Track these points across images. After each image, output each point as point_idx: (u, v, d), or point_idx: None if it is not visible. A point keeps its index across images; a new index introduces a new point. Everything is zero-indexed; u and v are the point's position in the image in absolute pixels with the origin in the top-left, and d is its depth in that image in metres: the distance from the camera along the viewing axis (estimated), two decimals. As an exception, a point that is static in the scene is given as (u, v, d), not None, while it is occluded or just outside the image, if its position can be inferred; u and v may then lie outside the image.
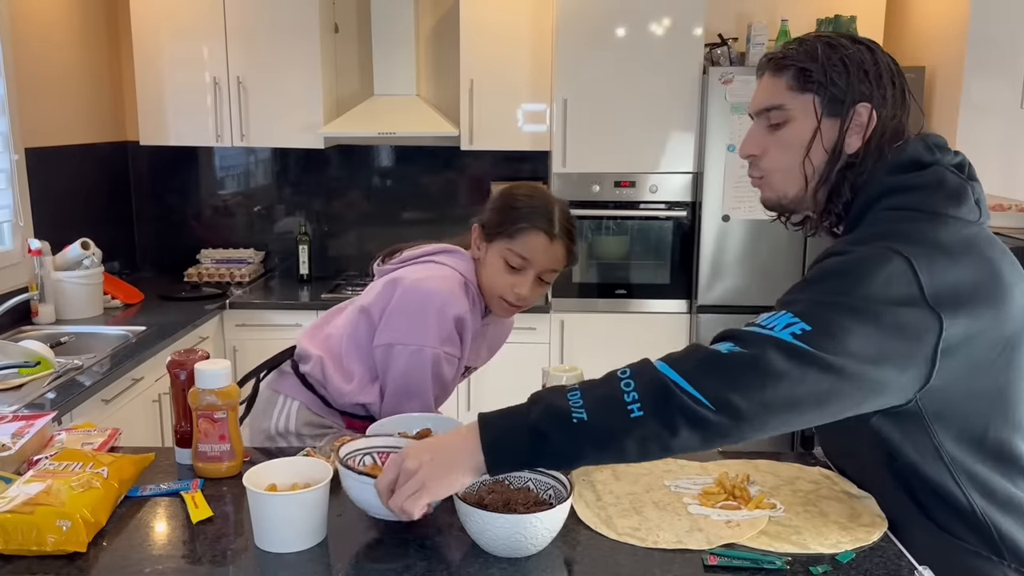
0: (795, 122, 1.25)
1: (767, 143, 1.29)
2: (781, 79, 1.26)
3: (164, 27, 3.81)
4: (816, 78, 1.23)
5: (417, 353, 1.62)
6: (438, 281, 1.65)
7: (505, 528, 1.13)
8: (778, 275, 3.61)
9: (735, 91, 3.49)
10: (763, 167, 1.30)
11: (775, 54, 1.28)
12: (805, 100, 1.24)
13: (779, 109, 1.26)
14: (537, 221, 1.64)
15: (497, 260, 1.67)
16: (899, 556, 1.18)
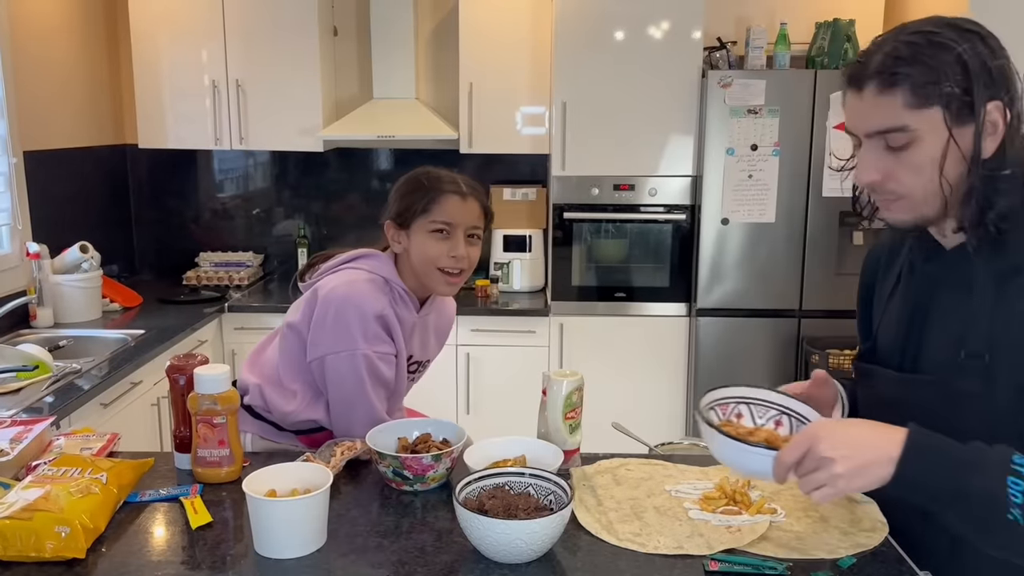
0: (922, 141, 1.10)
1: (890, 167, 1.13)
2: (894, 97, 1.10)
3: (163, 30, 3.80)
4: (935, 90, 1.08)
5: (348, 359, 1.63)
6: (352, 285, 1.66)
7: (506, 534, 1.13)
8: (777, 278, 3.61)
9: (734, 94, 3.49)
10: (891, 191, 1.15)
11: (881, 67, 1.11)
12: (929, 115, 1.09)
13: (900, 131, 1.11)
14: (444, 186, 1.72)
15: (423, 238, 1.70)
16: (900, 561, 1.18)
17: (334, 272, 1.73)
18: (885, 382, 1.26)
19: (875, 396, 1.29)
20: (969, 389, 1.14)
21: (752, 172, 3.54)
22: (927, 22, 1.13)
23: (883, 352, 1.29)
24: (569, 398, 1.46)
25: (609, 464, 1.51)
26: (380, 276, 1.71)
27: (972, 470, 1.03)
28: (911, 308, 1.25)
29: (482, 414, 3.77)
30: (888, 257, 1.35)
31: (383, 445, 1.45)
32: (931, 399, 1.18)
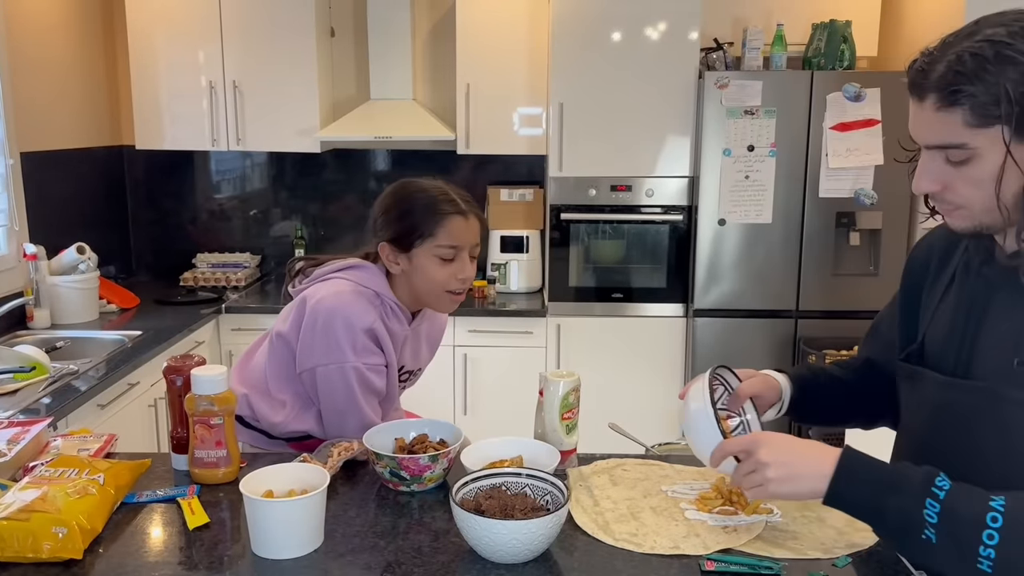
0: (982, 159, 1.07)
1: (949, 179, 1.11)
2: (955, 114, 1.06)
3: (160, 31, 3.80)
4: (998, 110, 1.03)
5: (338, 371, 1.61)
6: (340, 296, 1.64)
7: (503, 534, 1.13)
8: (774, 279, 3.62)
9: (731, 95, 3.49)
10: (950, 201, 1.13)
11: (943, 83, 1.06)
12: (990, 134, 1.05)
13: (959, 148, 1.07)
14: (446, 208, 1.67)
15: (429, 261, 1.67)
16: (895, 561, 1.19)
17: (323, 281, 1.71)
18: (932, 385, 1.23)
19: (921, 399, 1.26)
20: (1020, 398, 1.11)
21: (749, 173, 3.55)
22: (1002, 25, 1.06)
23: (933, 354, 1.25)
24: (566, 399, 1.47)
25: (606, 464, 1.51)
26: (371, 289, 1.68)
27: (894, 491, 1.08)
28: (965, 311, 1.21)
29: (479, 415, 3.77)
30: (941, 257, 1.30)
31: (380, 446, 1.45)
32: (980, 406, 1.15)
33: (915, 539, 1.06)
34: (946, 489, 1.06)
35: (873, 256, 3.59)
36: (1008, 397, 1.11)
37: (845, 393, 1.48)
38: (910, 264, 1.37)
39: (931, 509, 1.05)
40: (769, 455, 1.15)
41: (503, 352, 3.76)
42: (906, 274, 1.38)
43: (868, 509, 1.10)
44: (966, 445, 1.16)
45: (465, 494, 1.25)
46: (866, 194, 3.51)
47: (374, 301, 1.67)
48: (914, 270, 1.35)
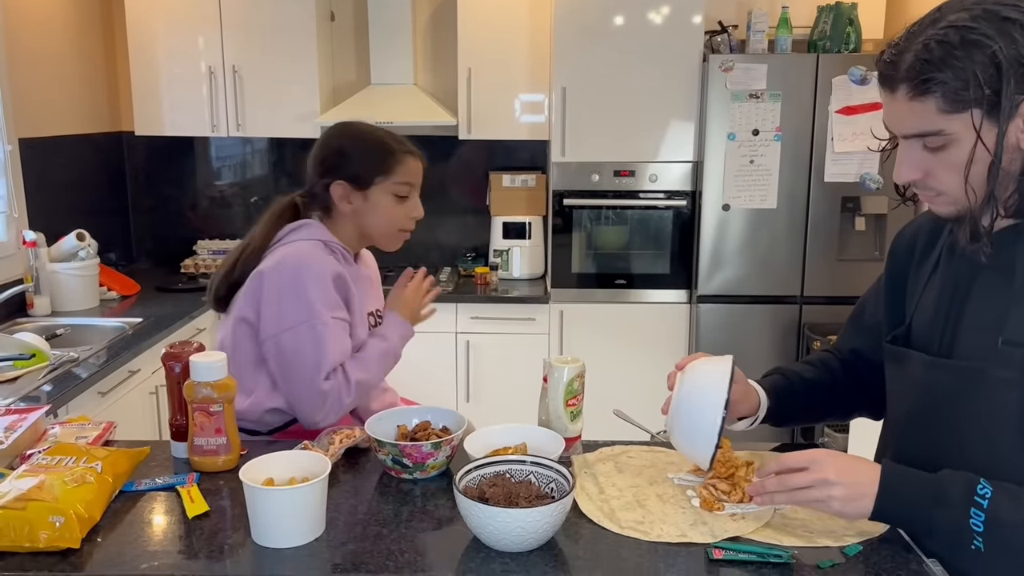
0: (959, 143, 1.08)
1: (928, 165, 1.12)
2: (927, 103, 1.07)
3: (159, 16, 3.77)
4: (969, 95, 1.05)
5: (308, 330, 1.60)
6: (300, 254, 1.66)
7: (507, 523, 1.11)
8: (779, 265, 3.59)
9: (735, 79, 3.45)
10: (931, 187, 1.14)
11: (912, 73, 1.08)
12: (964, 118, 1.07)
13: (935, 135, 1.09)
14: (402, 148, 1.75)
15: (386, 199, 1.74)
16: (907, 549, 1.17)
17: (272, 251, 1.71)
18: (918, 366, 1.23)
19: (906, 380, 1.26)
20: (1005, 377, 1.11)
21: (753, 157, 3.51)
22: (964, 10, 1.07)
23: (918, 336, 1.26)
24: (570, 385, 1.45)
25: (611, 451, 1.49)
26: (319, 240, 1.71)
27: (937, 504, 1.09)
28: (950, 291, 1.22)
29: (482, 402, 3.76)
30: (927, 239, 1.30)
31: (382, 433, 1.43)
32: (965, 386, 1.16)
33: (966, 550, 1.08)
34: (988, 497, 1.07)
35: (879, 241, 3.56)
36: (992, 376, 1.12)
37: (820, 394, 1.48)
38: (894, 249, 1.38)
39: (976, 519, 1.06)
40: (836, 473, 1.13)
41: (505, 339, 3.74)
42: (890, 259, 1.38)
43: (915, 525, 1.14)
44: (951, 424, 1.17)
45: (469, 482, 1.23)
46: (872, 178, 3.47)
47: (325, 249, 1.70)
48: (899, 255, 1.36)
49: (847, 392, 1.47)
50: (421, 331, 3.70)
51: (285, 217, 1.80)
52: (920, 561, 1.14)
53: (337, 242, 1.74)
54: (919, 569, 1.12)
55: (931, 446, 1.17)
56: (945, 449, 1.16)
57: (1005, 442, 1.11)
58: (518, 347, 3.75)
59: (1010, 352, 1.11)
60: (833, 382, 1.48)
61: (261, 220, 1.81)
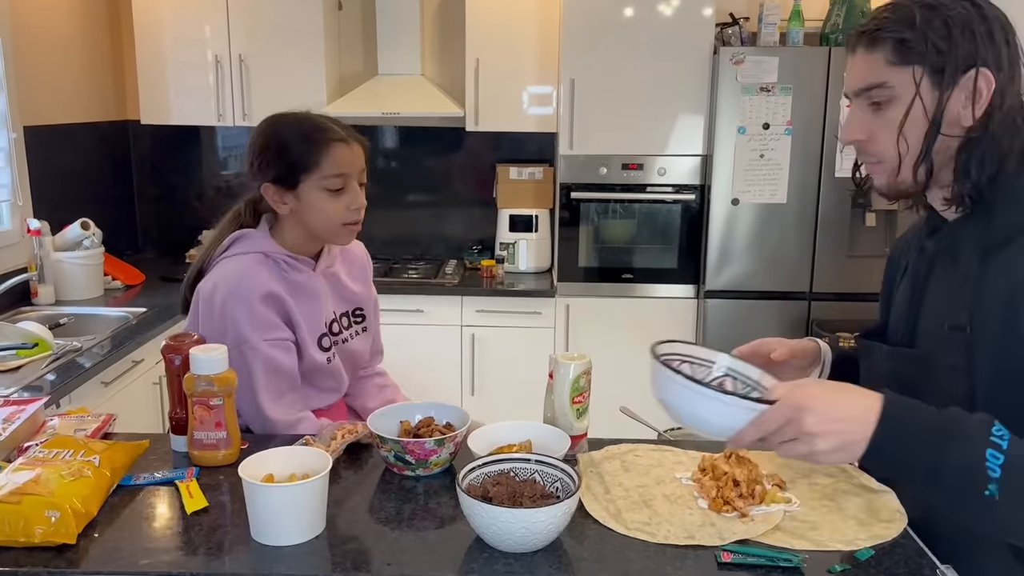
0: (899, 100, 1.14)
1: (872, 126, 1.17)
2: (878, 54, 1.13)
3: (166, 4, 3.74)
4: (916, 47, 1.11)
5: (237, 356, 1.53)
6: (227, 276, 1.59)
7: (511, 523, 1.09)
8: (788, 260, 3.55)
9: (746, 72, 3.41)
10: (872, 152, 1.18)
11: (867, 26, 1.16)
12: (908, 74, 1.12)
13: (880, 87, 1.14)
14: (325, 136, 1.60)
15: (318, 195, 1.61)
16: (920, 554, 1.14)
17: (211, 267, 1.65)
18: (880, 357, 1.27)
19: (871, 372, 1.30)
20: (953, 362, 1.14)
21: (764, 152, 3.47)
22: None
23: (892, 329, 1.31)
24: (576, 382, 1.42)
25: (617, 450, 1.46)
26: (258, 253, 1.63)
27: (948, 440, 1.00)
28: (911, 284, 1.27)
29: (487, 395, 3.73)
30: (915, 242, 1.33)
31: (384, 429, 1.41)
32: (919, 374, 1.19)
33: (975, 496, 0.97)
34: (1007, 438, 0.98)
35: (889, 238, 3.51)
36: (941, 362, 1.16)
37: None
38: (889, 263, 1.42)
39: (993, 461, 0.97)
40: (816, 424, 1.02)
41: (511, 332, 3.72)
42: (886, 270, 1.42)
43: (915, 466, 1.01)
44: None
45: (472, 480, 1.20)
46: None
47: (265, 263, 1.62)
48: (891, 266, 1.40)
49: None
50: (427, 324, 3.71)
51: (236, 223, 1.72)
52: (934, 566, 1.11)
53: (281, 251, 1.65)
54: (932, 575, 1.09)
55: None
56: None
57: None
58: (524, 341, 3.72)
59: (954, 338, 1.14)
60: None
61: (220, 223, 1.74)
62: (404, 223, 4.24)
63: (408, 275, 3.86)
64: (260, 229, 1.69)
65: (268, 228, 1.70)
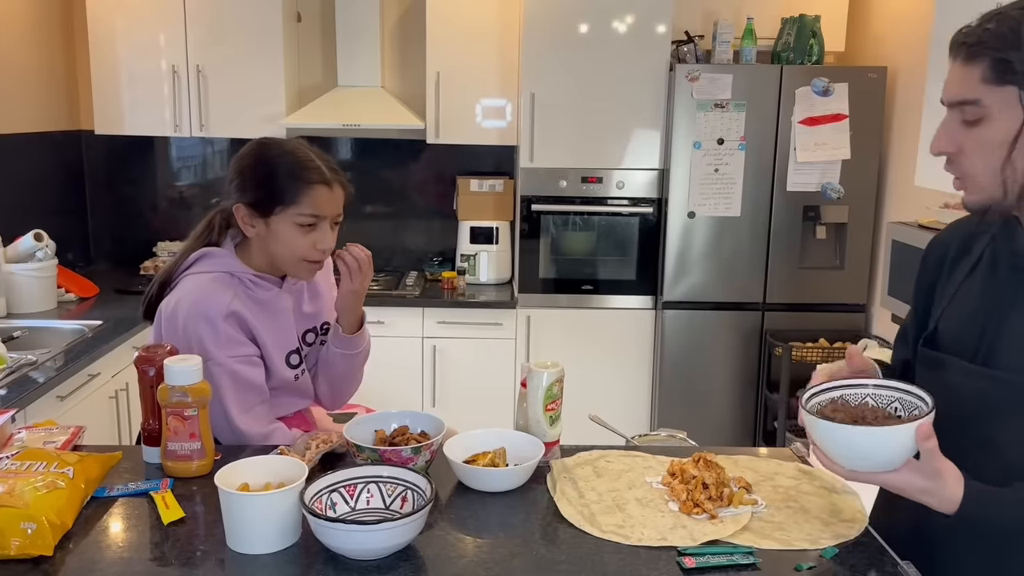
0: (994, 120, 1.08)
1: (963, 140, 1.11)
2: (975, 69, 1.08)
3: (121, 13, 3.70)
4: (1018, 68, 1.05)
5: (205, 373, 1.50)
6: (190, 294, 1.59)
7: (866, 439, 1.06)
8: (742, 271, 3.64)
9: (701, 88, 3.50)
10: (962, 166, 1.13)
11: (969, 36, 1.09)
12: (1005, 94, 1.07)
13: (973, 105, 1.09)
14: (310, 176, 1.60)
15: (288, 229, 1.60)
16: (881, 551, 1.19)
17: (175, 284, 1.65)
18: (956, 373, 1.21)
19: (941, 385, 1.21)
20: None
21: (718, 166, 3.56)
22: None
23: (950, 341, 1.24)
24: (550, 389, 1.45)
25: (589, 456, 1.50)
26: (223, 272, 1.63)
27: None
28: (991, 300, 1.19)
29: (449, 406, 3.74)
30: (959, 249, 1.29)
31: (360, 438, 1.42)
32: (1008, 398, 1.14)
33: None
34: None
35: (839, 250, 3.63)
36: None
37: None
38: (925, 260, 1.36)
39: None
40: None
41: (472, 344, 3.74)
42: (922, 271, 1.37)
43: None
44: (984, 432, 1.15)
45: (811, 408, 1.15)
46: (833, 188, 3.54)
47: (229, 283, 1.62)
48: (929, 266, 1.35)
49: None
50: (388, 335, 3.71)
51: (207, 236, 1.71)
52: (895, 563, 1.16)
53: (247, 271, 1.64)
54: (893, 571, 1.14)
55: (956, 451, 1.10)
56: (970, 455, 1.13)
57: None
58: (485, 352, 3.75)
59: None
60: None
61: (191, 234, 1.74)
62: (364, 235, 4.22)
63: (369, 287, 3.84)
64: (226, 247, 1.68)
65: (234, 246, 1.69)
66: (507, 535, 1.23)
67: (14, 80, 3.56)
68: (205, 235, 1.71)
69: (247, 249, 1.68)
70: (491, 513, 1.30)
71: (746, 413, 3.74)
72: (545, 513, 1.30)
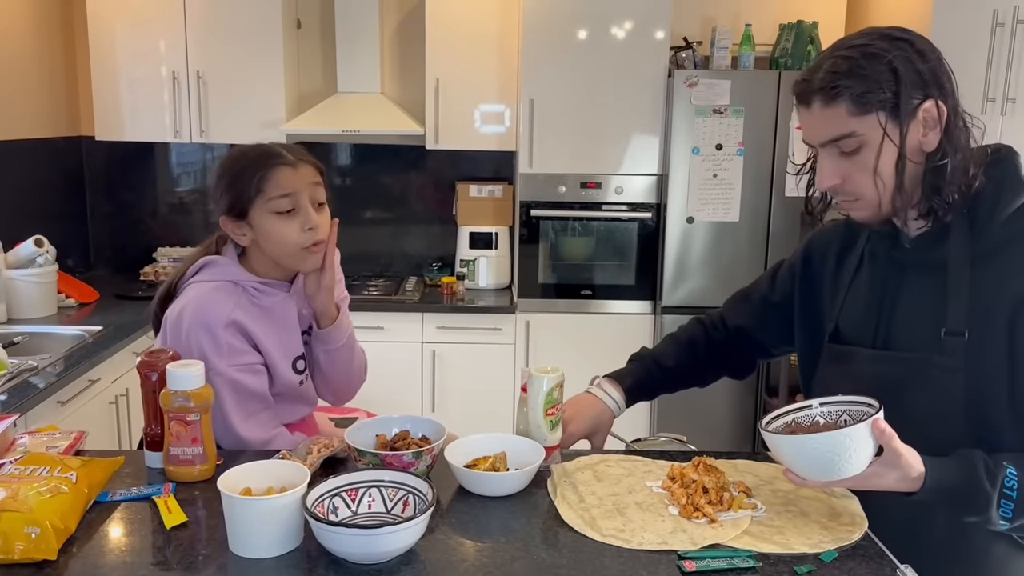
0: (870, 144, 1.21)
1: (845, 170, 1.24)
2: (838, 108, 1.21)
3: (121, 19, 3.71)
4: (873, 97, 1.19)
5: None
6: (191, 304, 1.58)
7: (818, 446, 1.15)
8: (741, 276, 3.61)
9: (699, 94, 3.51)
10: (850, 192, 1.26)
11: (823, 83, 1.21)
12: (872, 120, 1.20)
13: (849, 137, 1.22)
14: (268, 161, 1.58)
15: (268, 220, 1.58)
16: (881, 555, 1.20)
17: (179, 294, 1.65)
18: (862, 360, 1.35)
19: (852, 374, 1.36)
20: (950, 365, 1.24)
21: (717, 171, 3.57)
22: (862, 35, 1.24)
23: (851, 334, 1.39)
24: (550, 394, 1.46)
25: (589, 460, 1.50)
26: (226, 281, 1.62)
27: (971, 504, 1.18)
28: (880, 292, 1.35)
29: (448, 411, 3.75)
30: (841, 247, 1.44)
31: (361, 442, 1.43)
32: (910, 376, 1.28)
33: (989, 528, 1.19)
34: (1016, 487, 1.16)
35: (837, 255, 3.63)
36: (937, 364, 1.25)
37: (677, 378, 1.72)
38: (809, 254, 1.50)
39: (1005, 508, 1.17)
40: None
41: (472, 349, 3.75)
42: (805, 263, 1.51)
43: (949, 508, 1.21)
44: (898, 412, 1.22)
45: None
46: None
47: (232, 291, 1.61)
48: (813, 261, 1.49)
49: (705, 368, 1.72)
50: (387, 341, 3.71)
51: (210, 247, 1.72)
52: (894, 566, 1.17)
53: (250, 278, 1.64)
54: (892, 574, 1.15)
55: None
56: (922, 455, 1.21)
57: (950, 425, 1.24)
58: (484, 357, 3.75)
59: (951, 342, 1.23)
60: (694, 364, 1.70)
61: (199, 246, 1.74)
62: (363, 240, 4.25)
63: (368, 292, 3.87)
64: (228, 255, 1.68)
65: (235, 254, 1.69)
66: (508, 539, 1.24)
67: (15, 86, 3.57)
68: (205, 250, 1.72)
69: (250, 257, 1.68)
70: (492, 517, 1.31)
71: (745, 417, 3.75)
72: (546, 517, 1.31)
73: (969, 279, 1.24)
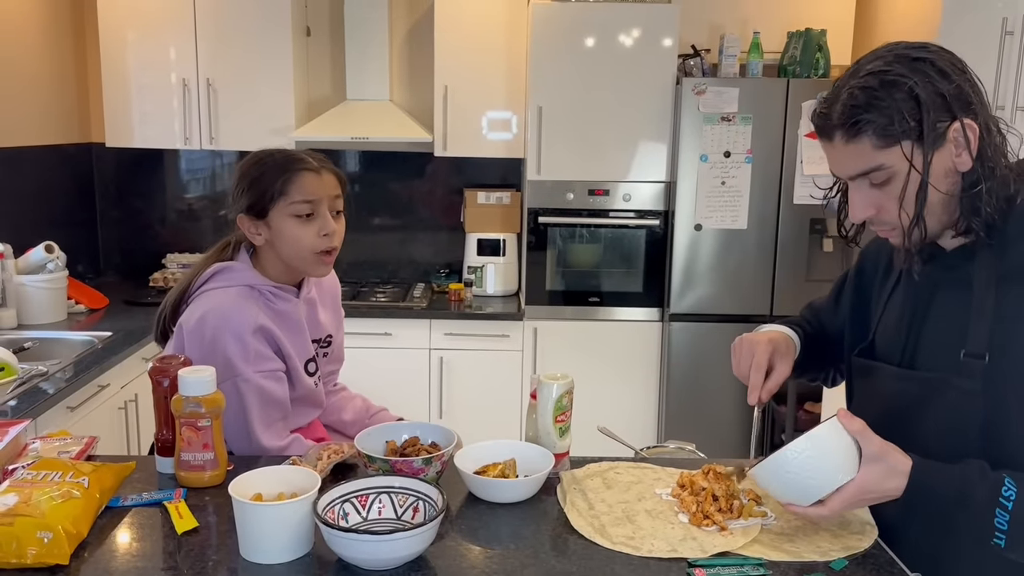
0: (899, 174, 1.17)
1: (878, 200, 1.21)
2: (863, 142, 1.17)
3: (132, 27, 3.74)
4: (897, 128, 1.14)
5: (231, 387, 1.55)
6: (217, 308, 1.59)
7: None
8: (749, 284, 3.65)
9: (708, 102, 3.52)
10: (884, 221, 1.22)
11: (843, 119, 1.17)
12: (899, 151, 1.16)
13: (878, 170, 1.18)
14: (293, 166, 1.63)
15: (287, 223, 1.62)
16: (891, 564, 1.19)
17: (193, 298, 1.65)
18: (885, 377, 1.33)
19: (874, 390, 1.36)
20: (968, 387, 1.20)
21: (725, 179, 3.57)
22: (878, 58, 1.19)
23: (882, 349, 1.36)
24: (560, 401, 1.46)
25: (598, 467, 1.50)
26: (243, 286, 1.63)
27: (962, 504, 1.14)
28: (911, 308, 1.32)
29: (455, 418, 3.75)
30: (890, 257, 1.40)
31: (371, 448, 1.43)
32: (929, 395, 1.25)
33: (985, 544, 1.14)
34: (1013, 499, 1.12)
35: (845, 263, 3.63)
36: (955, 386, 1.22)
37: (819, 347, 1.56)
38: (862, 265, 1.49)
39: (1001, 519, 1.13)
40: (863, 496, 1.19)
41: (479, 356, 3.75)
42: (859, 273, 1.49)
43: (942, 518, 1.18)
44: (915, 430, 1.24)
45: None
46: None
47: (251, 296, 1.63)
48: (866, 269, 1.47)
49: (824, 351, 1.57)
50: (395, 347, 3.72)
51: (223, 254, 1.73)
52: (904, 575, 1.16)
53: (266, 283, 1.65)
54: (903, 583, 1.15)
55: None
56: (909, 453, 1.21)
57: (966, 446, 1.20)
58: (492, 364, 3.75)
59: (971, 363, 1.20)
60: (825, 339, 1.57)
61: (207, 252, 1.76)
62: (372, 247, 4.26)
63: (376, 298, 3.87)
64: (241, 261, 1.69)
65: (249, 260, 1.70)
66: (518, 546, 1.24)
67: (26, 93, 3.60)
68: (216, 257, 1.73)
69: (261, 261, 1.70)
70: (502, 524, 1.31)
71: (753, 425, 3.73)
72: (555, 524, 1.31)
73: (994, 299, 1.20)
